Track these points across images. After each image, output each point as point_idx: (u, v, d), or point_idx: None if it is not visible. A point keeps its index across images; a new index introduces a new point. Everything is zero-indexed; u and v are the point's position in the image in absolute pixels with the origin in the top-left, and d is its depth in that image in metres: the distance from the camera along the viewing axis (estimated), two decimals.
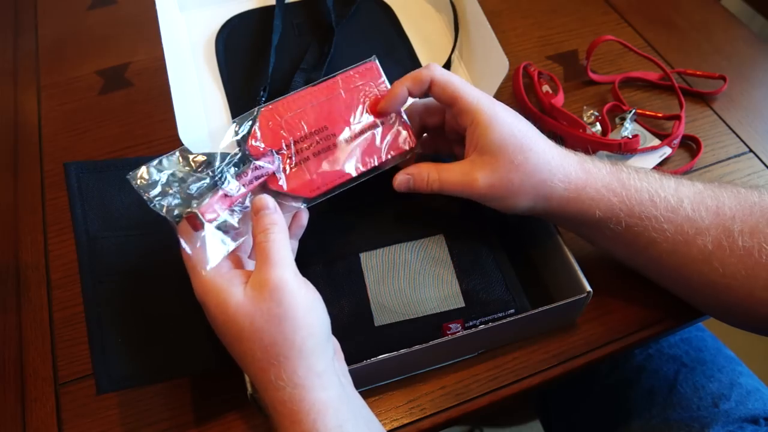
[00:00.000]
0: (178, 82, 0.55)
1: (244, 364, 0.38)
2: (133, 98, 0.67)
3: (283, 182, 0.43)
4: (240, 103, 0.60)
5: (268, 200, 0.40)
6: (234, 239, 0.40)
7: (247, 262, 0.41)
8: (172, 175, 0.40)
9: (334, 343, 0.41)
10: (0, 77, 0.70)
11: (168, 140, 0.62)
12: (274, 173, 0.43)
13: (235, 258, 0.41)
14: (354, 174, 0.44)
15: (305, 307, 0.37)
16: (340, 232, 0.49)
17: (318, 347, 0.37)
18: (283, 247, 0.39)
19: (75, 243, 0.43)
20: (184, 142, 0.51)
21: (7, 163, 0.63)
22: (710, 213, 0.42)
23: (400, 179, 0.45)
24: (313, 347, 0.36)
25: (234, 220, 0.40)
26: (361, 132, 0.45)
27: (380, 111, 0.45)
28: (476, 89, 0.44)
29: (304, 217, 0.45)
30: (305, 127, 0.44)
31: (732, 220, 0.42)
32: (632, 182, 0.43)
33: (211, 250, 0.38)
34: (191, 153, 0.41)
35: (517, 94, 0.66)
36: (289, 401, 0.35)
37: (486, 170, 0.42)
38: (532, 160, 0.42)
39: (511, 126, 0.42)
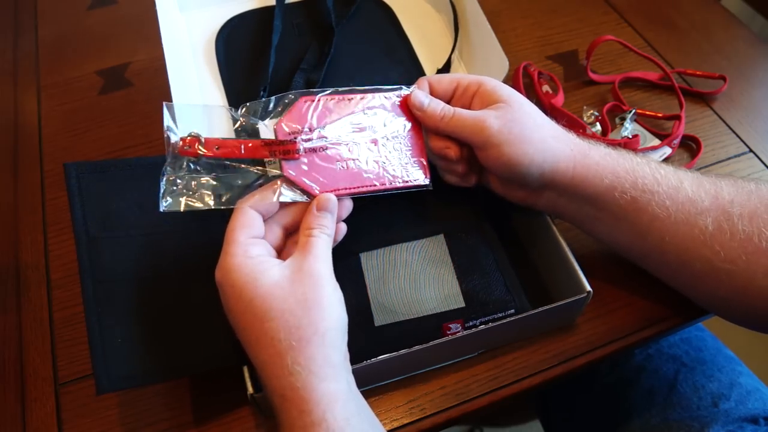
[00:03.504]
0: (178, 82, 0.55)
1: (259, 347, 0.37)
2: (133, 98, 0.67)
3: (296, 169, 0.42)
4: (240, 103, 0.60)
5: (331, 203, 0.42)
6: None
7: (271, 251, 0.42)
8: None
9: (345, 343, 0.41)
10: (0, 77, 0.70)
11: None
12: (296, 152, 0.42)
13: (266, 247, 0.41)
14: (363, 189, 0.44)
15: (333, 301, 0.38)
16: None
17: (337, 340, 0.38)
18: (327, 248, 0.40)
19: (75, 243, 0.43)
20: None
21: (7, 163, 0.63)
22: (709, 196, 0.43)
23: (417, 96, 0.46)
24: (333, 339, 0.37)
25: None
26: (384, 152, 0.45)
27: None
28: None
29: (340, 234, 0.45)
30: (335, 128, 0.44)
31: (731, 204, 0.42)
32: (633, 158, 0.45)
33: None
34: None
35: None
36: (302, 388, 0.35)
37: (499, 112, 0.43)
38: (540, 116, 0.45)
39: (515, 91, 0.45)
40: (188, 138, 0.40)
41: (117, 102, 0.67)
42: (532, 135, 0.43)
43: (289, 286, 0.37)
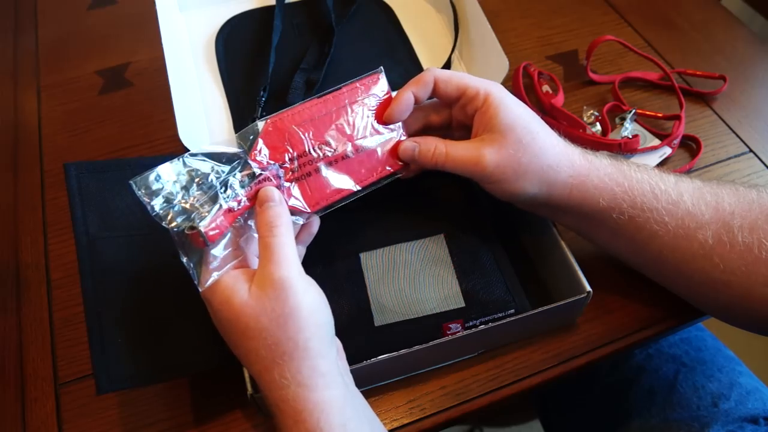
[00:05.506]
0: (178, 82, 0.55)
1: (248, 362, 0.37)
2: (133, 98, 0.67)
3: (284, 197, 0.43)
4: (240, 103, 0.61)
5: (273, 192, 0.40)
6: (233, 257, 0.39)
7: (252, 260, 0.41)
8: (176, 182, 0.40)
9: (337, 343, 0.41)
10: (0, 77, 0.70)
11: (168, 140, 0.62)
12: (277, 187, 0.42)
13: (240, 255, 0.40)
14: (354, 189, 0.44)
15: (309, 308, 0.37)
16: (340, 232, 0.49)
17: (322, 348, 0.37)
18: (287, 244, 0.38)
19: (75, 243, 0.43)
20: (184, 142, 0.51)
21: (7, 163, 0.63)
22: (710, 208, 0.43)
23: (405, 146, 0.45)
24: (317, 348, 0.37)
25: (235, 238, 0.40)
26: (364, 146, 0.45)
27: (387, 119, 0.45)
28: (482, 79, 0.45)
29: (315, 225, 0.44)
30: (308, 141, 0.44)
31: (731, 216, 0.42)
32: (633, 174, 0.44)
33: (209, 268, 0.38)
34: (196, 159, 0.40)
35: (517, 94, 0.65)
36: (293, 400, 0.35)
37: (494, 148, 0.42)
38: (539, 143, 0.43)
39: (519, 109, 0.43)
40: (190, 233, 0.39)
41: (117, 102, 0.67)
42: (528, 168, 0.42)
43: (258, 303, 0.36)
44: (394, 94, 0.46)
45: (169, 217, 0.39)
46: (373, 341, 0.45)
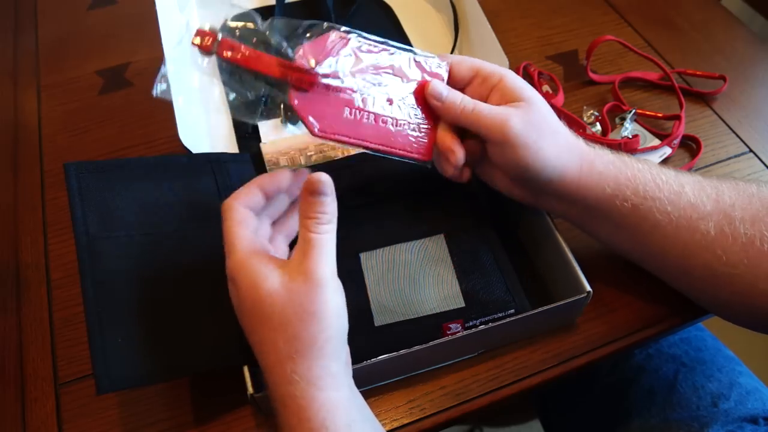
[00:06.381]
0: (177, 83, 0.55)
1: (262, 351, 0.37)
2: (133, 98, 0.67)
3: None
4: (239, 105, 0.60)
5: (326, 185, 0.38)
6: None
7: (264, 244, 0.41)
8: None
9: (346, 347, 0.41)
10: (0, 77, 0.70)
11: (168, 140, 0.62)
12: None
13: (263, 243, 0.40)
14: (362, 143, 0.42)
15: (334, 310, 0.37)
16: (340, 232, 0.48)
17: (336, 349, 0.37)
18: (330, 242, 0.38)
19: (75, 243, 0.43)
20: (184, 143, 0.51)
21: (7, 163, 0.63)
22: (711, 200, 0.43)
23: (434, 86, 0.43)
24: (332, 349, 0.37)
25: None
26: (399, 119, 0.43)
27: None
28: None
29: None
30: (355, 76, 0.42)
31: (732, 208, 0.42)
32: (635, 164, 0.45)
33: None
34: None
35: None
36: (300, 397, 0.35)
37: (520, 113, 0.42)
38: (555, 122, 0.44)
39: (533, 91, 0.44)
40: (206, 31, 0.36)
41: (117, 102, 0.67)
42: (549, 142, 0.42)
43: (288, 295, 0.36)
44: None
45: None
46: (373, 341, 0.45)
